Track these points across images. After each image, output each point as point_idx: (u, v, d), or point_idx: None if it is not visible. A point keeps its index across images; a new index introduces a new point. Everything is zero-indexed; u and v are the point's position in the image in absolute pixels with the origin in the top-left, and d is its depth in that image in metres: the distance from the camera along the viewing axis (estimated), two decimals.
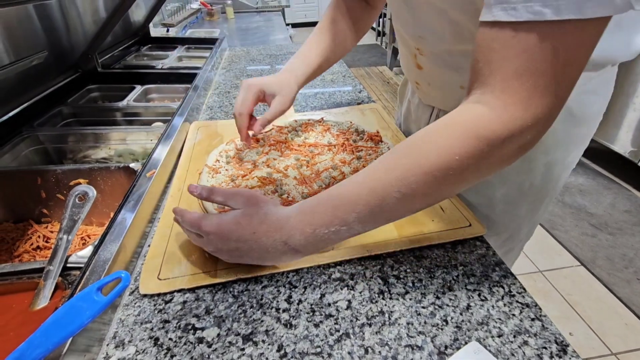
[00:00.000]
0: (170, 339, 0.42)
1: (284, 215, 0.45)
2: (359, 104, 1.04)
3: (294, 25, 5.05)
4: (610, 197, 2.18)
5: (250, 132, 0.70)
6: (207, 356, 0.41)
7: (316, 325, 0.44)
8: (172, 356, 0.41)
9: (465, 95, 0.42)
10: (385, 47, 5.14)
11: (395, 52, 4.22)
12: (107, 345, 0.42)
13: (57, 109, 1.01)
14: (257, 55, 1.55)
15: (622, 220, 2.01)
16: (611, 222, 1.99)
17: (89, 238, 0.72)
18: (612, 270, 1.72)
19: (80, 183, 0.72)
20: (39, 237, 0.70)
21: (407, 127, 0.92)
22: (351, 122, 0.86)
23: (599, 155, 2.51)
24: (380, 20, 5.12)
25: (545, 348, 0.40)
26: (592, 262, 1.76)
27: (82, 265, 0.48)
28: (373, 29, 5.94)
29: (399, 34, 0.69)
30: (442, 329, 0.43)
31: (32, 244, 0.68)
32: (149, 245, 0.56)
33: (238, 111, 0.67)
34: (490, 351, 0.40)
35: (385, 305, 0.46)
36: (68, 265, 0.50)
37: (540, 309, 0.45)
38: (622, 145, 2.21)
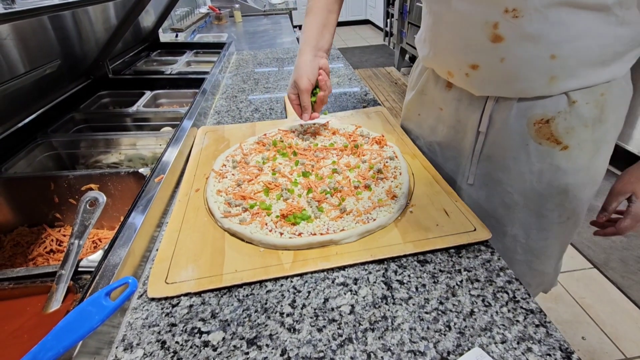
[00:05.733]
0: (176, 342, 0.44)
1: None
2: (364, 106, 1.05)
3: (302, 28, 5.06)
4: None
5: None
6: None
7: (319, 330, 0.44)
8: (178, 359, 0.42)
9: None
10: (393, 48, 5.11)
11: (402, 52, 4.20)
12: (117, 347, 0.43)
13: (69, 115, 1.04)
14: (264, 59, 1.56)
15: None
16: None
17: (100, 242, 0.74)
18: (626, 272, 1.68)
19: (91, 188, 0.74)
20: (52, 240, 0.72)
21: (435, 140, 0.80)
22: (356, 126, 0.86)
23: (613, 155, 2.45)
24: (388, 20, 5.10)
25: (549, 355, 0.40)
26: (605, 265, 1.73)
27: (92, 269, 0.49)
28: (380, 29, 5.93)
29: (464, 12, 0.58)
30: (445, 335, 0.43)
31: (45, 248, 0.70)
32: (157, 250, 0.57)
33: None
34: (493, 357, 0.40)
35: (389, 310, 0.46)
36: (79, 269, 0.52)
37: (545, 315, 0.44)
38: (636, 144, 2.15)
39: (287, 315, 0.46)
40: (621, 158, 2.40)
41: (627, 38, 0.54)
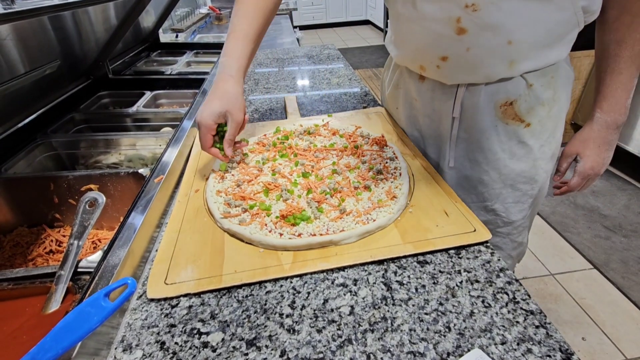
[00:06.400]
0: (176, 343, 0.43)
1: (608, 123, 0.68)
2: (364, 107, 1.05)
3: (302, 28, 5.07)
4: (625, 198, 2.13)
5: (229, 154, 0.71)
6: None
7: (319, 331, 0.44)
8: None
9: None
10: None
11: None
12: (116, 348, 0.43)
13: (69, 115, 1.04)
14: (264, 59, 1.56)
15: (637, 222, 1.96)
16: (625, 224, 1.95)
17: (100, 242, 0.74)
18: (626, 273, 1.68)
19: (91, 189, 0.74)
20: (51, 241, 0.72)
21: (415, 129, 0.86)
22: (356, 126, 0.86)
23: (615, 156, 2.44)
24: (388, 21, 5.11)
25: (549, 356, 0.40)
26: (605, 265, 1.72)
27: (92, 270, 0.49)
28: (380, 29, 5.93)
29: (429, 11, 0.64)
30: (444, 336, 0.43)
31: (45, 248, 0.70)
32: (156, 250, 0.57)
33: (205, 150, 0.71)
34: (493, 359, 0.40)
35: (388, 311, 0.46)
36: (79, 269, 0.52)
37: (545, 316, 0.44)
38: (636, 145, 2.15)
39: (287, 316, 0.46)
40: (622, 159, 2.40)
41: (564, 22, 0.63)
